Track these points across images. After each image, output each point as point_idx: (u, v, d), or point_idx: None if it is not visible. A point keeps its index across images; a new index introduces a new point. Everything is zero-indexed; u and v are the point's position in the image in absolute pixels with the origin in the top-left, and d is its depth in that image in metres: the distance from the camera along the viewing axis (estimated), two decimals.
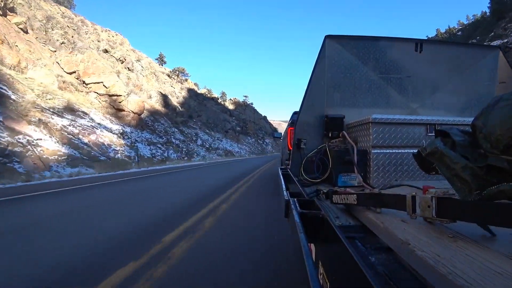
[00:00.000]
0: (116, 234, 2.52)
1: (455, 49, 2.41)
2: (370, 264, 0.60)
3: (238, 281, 1.67)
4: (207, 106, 42.60)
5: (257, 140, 57.43)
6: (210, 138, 31.66)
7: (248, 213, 3.44)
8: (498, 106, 0.65)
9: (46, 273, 1.74)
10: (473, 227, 0.60)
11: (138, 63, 29.52)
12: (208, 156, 24.97)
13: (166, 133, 21.55)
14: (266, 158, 27.74)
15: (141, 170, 11.40)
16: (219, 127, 40.37)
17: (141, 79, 27.05)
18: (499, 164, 0.62)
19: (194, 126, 30.80)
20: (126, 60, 26.37)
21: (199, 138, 28.53)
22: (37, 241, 2.38)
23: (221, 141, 35.15)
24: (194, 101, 38.52)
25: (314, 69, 2.10)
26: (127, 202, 4.26)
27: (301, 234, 0.66)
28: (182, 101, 34.55)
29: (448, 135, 0.80)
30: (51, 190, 5.40)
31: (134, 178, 7.91)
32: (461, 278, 0.42)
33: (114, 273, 1.72)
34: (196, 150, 23.88)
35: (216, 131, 36.97)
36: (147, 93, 25.54)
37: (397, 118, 1.67)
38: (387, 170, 1.68)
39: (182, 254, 2.04)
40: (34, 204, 4.04)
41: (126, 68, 25.69)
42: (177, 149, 20.16)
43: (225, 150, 32.60)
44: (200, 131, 30.80)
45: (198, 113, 36.02)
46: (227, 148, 34.30)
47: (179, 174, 9.40)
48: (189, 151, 22.20)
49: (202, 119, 35.73)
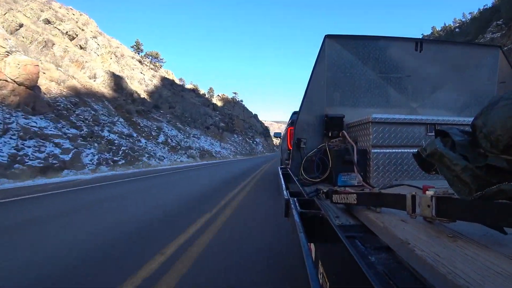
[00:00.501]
0: None
1: (455, 48, 2.41)
2: (370, 263, 0.60)
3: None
4: (185, 97, 36.59)
5: (246, 139, 51.55)
6: (181, 134, 25.39)
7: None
8: (498, 106, 0.65)
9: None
10: (473, 227, 0.60)
11: (94, 40, 24.70)
12: (170, 158, 18.16)
13: (96, 123, 14.18)
14: (254, 161, 20.71)
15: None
16: (198, 122, 34.65)
17: (93, 58, 22.70)
18: (499, 164, 0.62)
19: (160, 118, 24.86)
20: (78, 37, 22.48)
21: (163, 133, 21.76)
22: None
23: (199, 139, 29.33)
24: (168, 91, 32.77)
25: (314, 69, 2.10)
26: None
27: (301, 233, 0.66)
28: (152, 90, 29.64)
29: (448, 135, 0.80)
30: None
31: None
32: (460, 278, 0.42)
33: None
34: (151, 150, 16.89)
35: (193, 127, 31.76)
36: (90, 71, 20.08)
37: (397, 118, 1.67)
38: (387, 170, 1.68)
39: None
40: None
41: (77, 45, 21.70)
42: (105, 148, 12.48)
43: (201, 149, 26.60)
44: (168, 125, 24.83)
45: (171, 104, 30.54)
46: (204, 148, 28.18)
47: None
48: (134, 151, 14.62)
49: (175, 111, 30.18)
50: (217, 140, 36.07)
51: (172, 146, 21.20)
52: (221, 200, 4.08)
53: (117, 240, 2.31)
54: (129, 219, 2.98)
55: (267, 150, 59.38)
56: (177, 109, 30.95)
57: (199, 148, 26.59)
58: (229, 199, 4.21)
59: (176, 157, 19.61)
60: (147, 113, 22.99)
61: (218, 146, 34.06)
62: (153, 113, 24.59)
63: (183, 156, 20.95)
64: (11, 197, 4.28)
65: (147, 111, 23.41)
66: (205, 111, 39.61)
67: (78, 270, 1.73)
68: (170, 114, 28.41)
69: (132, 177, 7.95)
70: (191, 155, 22.55)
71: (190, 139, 26.46)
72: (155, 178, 7.86)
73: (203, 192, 4.87)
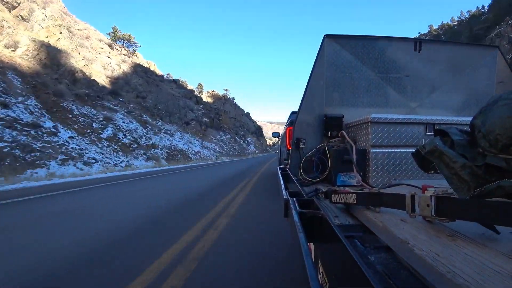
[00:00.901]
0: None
1: (454, 48, 2.42)
2: (369, 263, 0.60)
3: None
4: (162, 88, 31.82)
5: (235, 138, 46.22)
6: (144, 129, 19.96)
7: None
8: (497, 106, 0.65)
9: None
10: (472, 226, 0.60)
11: (41, 11, 21.27)
12: (110, 162, 12.60)
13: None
14: (242, 166, 14.69)
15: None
16: (176, 116, 29.83)
17: (36, 29, 19.43)
18: (497, 163, 0.62)
19: (116, 107, 19.50)
20: (20, 6, 19.92)
21: (113, 126, 16.35)
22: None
23: (172, 136, 23.96)
24: (141, 79, 28.60)
25: (313, 69, 2.11)
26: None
27: (300, 233, 0.66)
28: (120, 76, 25.96)
29: (447, 134, 0.80)
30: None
31: None
32: (460, 277, 0.42)
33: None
34: (76, 149, 11.59)
35: (168, 121, 27.06)
36: (10, 38, 15.94)
37: (396, 118, 1.68)
38: (386, 170, 1.68)
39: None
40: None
41: (18, 16, 19.18)
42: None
43: (172, 149, 20.99)
44: (126, 117, 19.28)
45: (142, 94, 26.05)
46: (177, 147, 22.39)
47: None
48: (28, 151, 9.17)
49: (145, 101, 25.63)
50: (199, 138, 31.10)
51: (124, 144, 15.73)
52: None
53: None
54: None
55: (260, 150, 55.39)
56: (148, 99, 26.44)
57: (169, 147, 21.02)
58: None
59: (123, 159, 13.85)
60: (95, 99, 17.96)
61: (198, 145, 28.76)
62: (107, 101, 19.44)
63: (140, 158, 15.50)
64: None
65: (95, 96, 18.26)
66: (185, 104, 34.54)
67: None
68: (136, 104, 23.57)
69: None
70: (153, 156, 16.92)
71: (159, 135, 21.47)
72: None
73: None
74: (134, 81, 27.23)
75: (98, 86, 20.72)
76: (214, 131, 38.17)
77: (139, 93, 25.91)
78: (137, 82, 27.43)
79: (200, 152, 26.74)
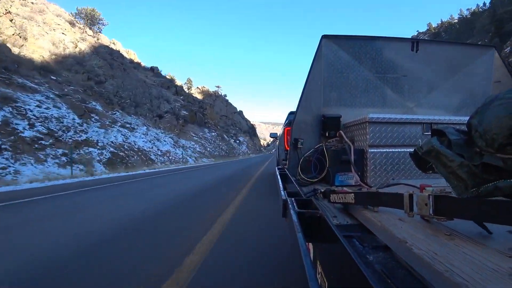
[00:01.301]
0: None
1: (451, 48, 2.44)
2: (368, 262, 0.60)
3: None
4: (129, 73, 26.39)
5: (223, 135, 39.69)
6: (79, 119, 14.71)
7: None
8: (493, 105, 0.65)
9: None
10: (470, 225, 0.61)
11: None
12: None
13: None
14: (215, 177, 8.68)
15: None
16: (145, 107, 24.61)
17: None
18: (495, 162, 0.62)
19: (35, 85, 14.24)
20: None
21: (8, 110, 10.87)
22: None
23: (132, 131, 18.75)
24: (103, 61, 23.99)
25: (311, 69, 2.11)
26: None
27: (299, 233, 0.66)
28: (73, 55, 22.01)
29: (444, 134, 0.81)
30: None
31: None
32: (457, 276, 0.43)
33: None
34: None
35: (134, 113, 22.20)
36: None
37: (394, 118, 1.68)
38: (384, 169, 1.68)
39: None
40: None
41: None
42: None
43: (125, 149, 15.80)
44: (52, 101, 13.99)
45: (98, 77, 21.42)
46: (134, 146, 17.20)
47: None
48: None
49: (103, 86, 21.17)
50: (174, 134, 25.59)
51: (22, 138, 9.80)
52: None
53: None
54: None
55: (253, 150, 51.40)
56: (107, 84, 21.95)
57: (119, 147, 15.19)
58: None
59: (8, 164, 8.72)
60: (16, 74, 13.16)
61: (169, 143, 22.98)
62: (26, 77, 14.11)
63: (50, 163, 9.82)
64: None
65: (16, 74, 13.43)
66: (160, 94, 28.35)
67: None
68: (84, 88, 18.78)
69: None
70: (81, 159, 11.34)
71: (108, 129, 16.09)
72: None
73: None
74: (93, 62, 22.94)
75: (28, 62, 16.07)
76: (196, 127, 32.75)
77: (95, 76, 21.44)
78: (96, 63, 23.16)
79: (171, 152, 21.35)
